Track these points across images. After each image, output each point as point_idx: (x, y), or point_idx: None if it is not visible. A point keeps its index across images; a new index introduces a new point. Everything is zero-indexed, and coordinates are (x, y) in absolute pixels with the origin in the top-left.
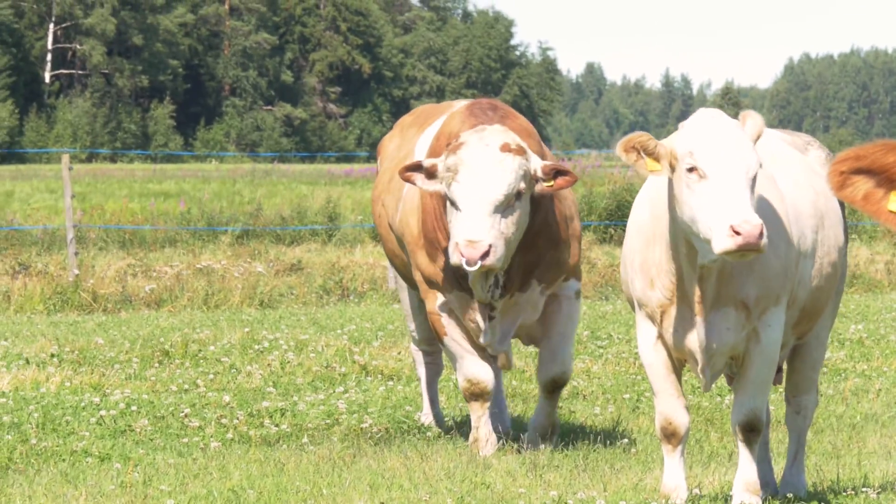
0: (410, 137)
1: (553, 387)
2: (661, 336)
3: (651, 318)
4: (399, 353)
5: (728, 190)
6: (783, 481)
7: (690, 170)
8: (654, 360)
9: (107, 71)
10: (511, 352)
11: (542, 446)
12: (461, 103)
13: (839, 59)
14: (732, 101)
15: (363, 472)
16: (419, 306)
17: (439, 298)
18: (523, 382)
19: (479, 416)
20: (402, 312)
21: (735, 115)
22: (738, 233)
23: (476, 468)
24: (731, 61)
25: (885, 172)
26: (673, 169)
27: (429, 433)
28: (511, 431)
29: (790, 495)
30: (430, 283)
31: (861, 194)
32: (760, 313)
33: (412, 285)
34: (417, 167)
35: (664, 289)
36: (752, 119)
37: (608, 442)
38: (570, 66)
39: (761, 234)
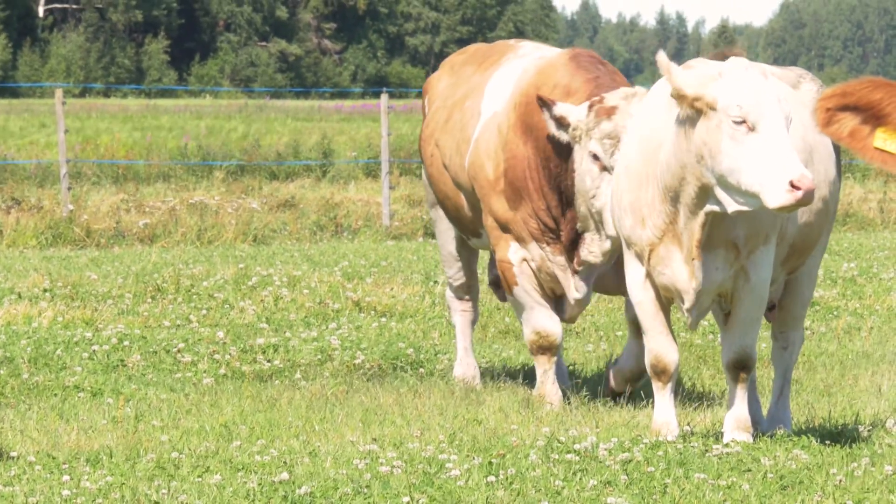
0: (468, 77)
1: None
2: (650, 274)
3: (639, 256)
4: (392, 289)
5: (782, 144)
6: (769, 416)
7: (740, 122)
8: (644, 297)
9: (101, 5)
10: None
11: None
12: (529, 45)
13: None
14: (728, 39)
15: (355, 408)
16: (460, 252)
17: (512, 247)
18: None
19: (546, 370)
20: (397, 250)
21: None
22: (797, 188)
23: (468, 405)
24: None
25: (871, 109)
26: (699, 113)
27: (462, 383)
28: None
29: (781, 431)
30: (506, 230)
31: (847, 131)
32: (749, 252)
33: (463, 229)
34: (560, 120)
35: (655, 228)
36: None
37: (601, 379)
38: (566, 2)
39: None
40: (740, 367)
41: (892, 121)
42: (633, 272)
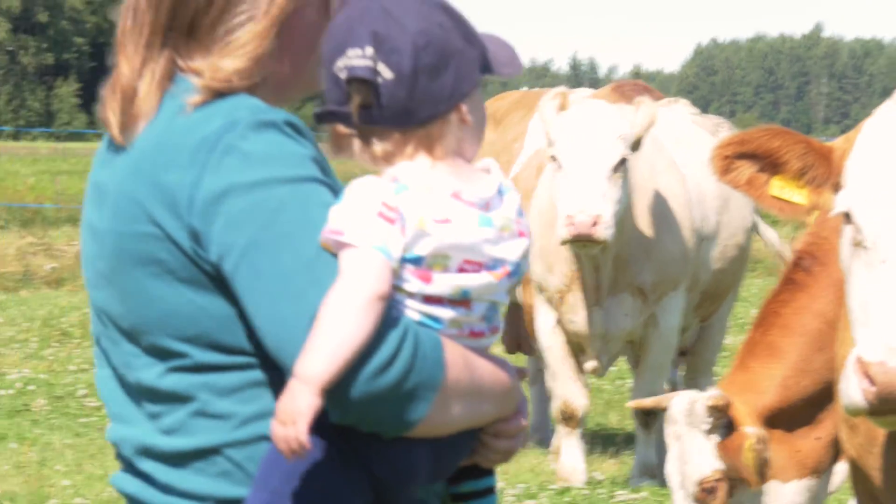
0: (516, 122)
1: None
2: (560, 320)
3: (550, 302)
4: None
5: (574, 181)
6: None
7: (553, 158)
8: (553, 343)
9: (11, 48)
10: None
11: None
12: (582, 91)
13: (746, 45)
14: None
15: None
16: None
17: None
18: None
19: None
20: None
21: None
22: (572, 223)
23: None
24: (638, 45)
25: (768, 157)
26: None
27: None
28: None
29: None
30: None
31: (745, 178)
32: (658, 299)
33: None
34: None
35: (562, 275)
36: (645, 108)
37: None
38: None
39: (594, 224)
40: (648, 412)
41: (788, 169)
42: (543, 318)
